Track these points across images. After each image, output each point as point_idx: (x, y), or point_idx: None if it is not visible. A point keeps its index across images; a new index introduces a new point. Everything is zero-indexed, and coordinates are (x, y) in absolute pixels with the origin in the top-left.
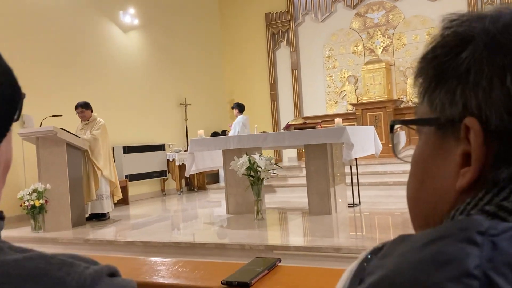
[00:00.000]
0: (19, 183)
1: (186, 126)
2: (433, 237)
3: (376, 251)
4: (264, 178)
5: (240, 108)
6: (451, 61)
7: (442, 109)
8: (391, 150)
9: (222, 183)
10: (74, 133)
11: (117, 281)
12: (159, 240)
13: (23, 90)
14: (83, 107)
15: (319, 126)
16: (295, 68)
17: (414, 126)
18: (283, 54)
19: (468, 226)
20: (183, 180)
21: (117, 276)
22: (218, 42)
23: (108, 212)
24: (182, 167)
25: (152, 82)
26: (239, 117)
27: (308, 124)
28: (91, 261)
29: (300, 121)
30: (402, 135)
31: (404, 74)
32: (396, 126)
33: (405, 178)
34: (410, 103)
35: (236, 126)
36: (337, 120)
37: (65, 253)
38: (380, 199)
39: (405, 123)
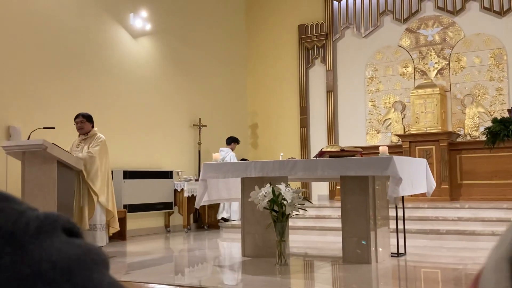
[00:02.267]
0: None
1: (199, 152)
2: None
3: None
4: (290, 214)
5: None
6: None
7: None
8: (444, 192)
9: (237, 221)
10: (69, 149)
11: (78, 243)
12: (159, 283)
13: (11, 96)
14: (85, 118)
15: (360, 155)
16: (331, 90)
17: None
18: (317, 73)
19: None
20: (191, 215)
21: (79, 237)
22: (242, 55)
23: (101, 247)
24: (191, 199)
25: (162, 97)
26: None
27: (346, 153)
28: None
29: (337, 148)
30: None
31: (462, 103)
32: None
33: (461, 227)
34: (469, 137)
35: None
36: (383, 149)
37: None
38: (429, 251)
39: None
